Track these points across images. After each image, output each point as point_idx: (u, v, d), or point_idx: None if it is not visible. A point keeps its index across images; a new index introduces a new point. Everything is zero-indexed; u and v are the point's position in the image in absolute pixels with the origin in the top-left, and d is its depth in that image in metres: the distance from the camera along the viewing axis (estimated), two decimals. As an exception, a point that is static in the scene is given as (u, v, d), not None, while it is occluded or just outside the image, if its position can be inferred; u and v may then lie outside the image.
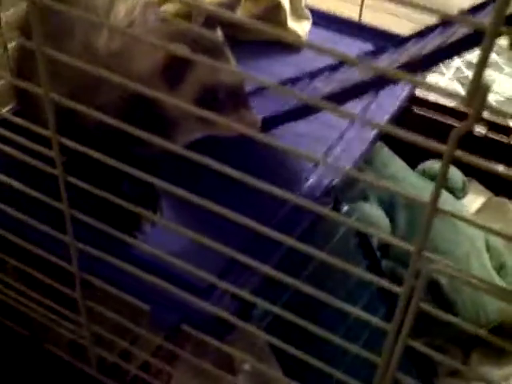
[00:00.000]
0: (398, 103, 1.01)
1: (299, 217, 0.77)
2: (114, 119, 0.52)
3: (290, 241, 0.51)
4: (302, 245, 0.51)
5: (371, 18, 1.20)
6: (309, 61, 1.04)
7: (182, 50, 0.57)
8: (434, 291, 0.97)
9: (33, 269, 0.77)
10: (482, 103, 0.35)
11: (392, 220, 1.06)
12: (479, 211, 1.20)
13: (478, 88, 0.35)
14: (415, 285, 0.47)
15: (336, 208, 0.81)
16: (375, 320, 0.51)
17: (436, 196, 0.43)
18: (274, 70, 1.04)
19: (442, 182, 0.42)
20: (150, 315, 0.66)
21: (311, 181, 0.84)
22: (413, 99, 1.15)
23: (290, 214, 0.77)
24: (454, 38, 0.66)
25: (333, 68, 0.93)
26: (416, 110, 1.23)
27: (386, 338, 0.50)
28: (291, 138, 0.84)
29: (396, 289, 0.48)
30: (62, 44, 0.70)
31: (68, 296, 0.73)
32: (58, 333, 0.82)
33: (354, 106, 0.93)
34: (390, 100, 1.00)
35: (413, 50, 0.76)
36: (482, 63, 0.33)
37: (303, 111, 0.80)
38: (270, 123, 0.81)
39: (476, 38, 0.61)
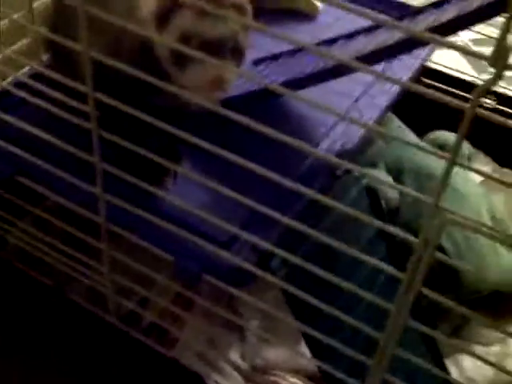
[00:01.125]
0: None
1: (313, 178, 0.80)
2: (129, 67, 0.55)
3: (310, 192, 0.55)
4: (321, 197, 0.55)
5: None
6: (324, 29, 1.06)
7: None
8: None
9: (53, 215, 0.81)
10: (506, 62, 0.38)
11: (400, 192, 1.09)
12: (483, 182, 1.23)
13: (502, 48, 0.38)
14: (431, 236, 0.50)
15: (348, 171, 0.84)
16: (390, 269, 0.55)
17: (456, 149, 0.46)
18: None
19: (463, 134, 0.45)
20: (173, 265, 0.70)
21: (324, 145, 0.88)
22: (423, 70, 1.17)
23: (304, 175, 0.81)
24: (474, 6, 0.68)
25: (349, 36, 0.96)
26: (425, 80, 1.26)
27: (400, 287, 0.54)
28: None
29: (412, 239, 0.52)
30: None
31: (90, 245, 0.76)
32: (79, 281, 0.86)
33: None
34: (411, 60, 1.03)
35: (432, 19, 0.78)
36: (508, 23, 0.36)
37: (320, 75, 0.82)
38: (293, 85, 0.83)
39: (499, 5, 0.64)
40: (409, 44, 0.76)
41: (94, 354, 0.86)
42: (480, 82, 0.42)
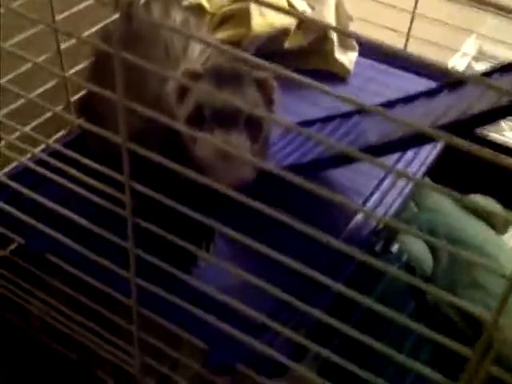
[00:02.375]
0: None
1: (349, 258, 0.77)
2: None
3: (341, 288, 0.53)
4: (353, 291, 0.52)
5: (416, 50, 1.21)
6: (356, 93, 1.05)
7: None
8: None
9: (80, 293, 0.79)
10: None
11: (433, 253, 1.06)
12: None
13: None
14: (487, 351, 0.47)
15: (387, 247, 0.82)
16: (440, 377, 0.52)
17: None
18: (320, 102, 1.04)
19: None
20: (206, 354, 0.67)
21: (357, 221, 0.85)
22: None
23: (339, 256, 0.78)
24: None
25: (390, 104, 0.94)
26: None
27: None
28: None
29: (467, 351, 0.49)
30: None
31: (120, 326, 0.74)
32: (104, 358, 0.84)
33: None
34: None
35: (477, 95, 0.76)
36: None
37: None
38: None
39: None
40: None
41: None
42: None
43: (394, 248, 0.88)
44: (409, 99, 0.91)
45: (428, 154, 0.99)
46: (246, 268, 0.58)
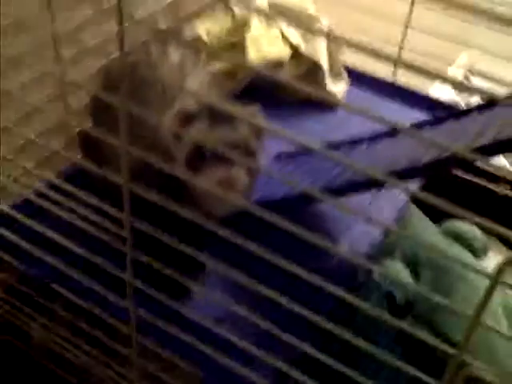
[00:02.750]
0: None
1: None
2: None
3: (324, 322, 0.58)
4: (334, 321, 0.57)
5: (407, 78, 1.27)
6: (345, 124, 1.10)
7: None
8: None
9: (80, 318, 0.83)
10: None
11: (416, 277, 1.10)
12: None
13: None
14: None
15: (369, 271, 0.86)
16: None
17: (480, 311, 0.48)
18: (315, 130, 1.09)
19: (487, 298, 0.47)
20: (201, 380, 0.72)
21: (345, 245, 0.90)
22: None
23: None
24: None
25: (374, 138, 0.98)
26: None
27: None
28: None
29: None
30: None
31: (120, 353, 0.78)
32: (103, 382, 0.88)
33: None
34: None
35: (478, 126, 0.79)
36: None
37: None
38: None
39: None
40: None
41: None
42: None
43: (376, 274, 0.92)
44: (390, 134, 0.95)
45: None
46: (237, 299, 0.63)
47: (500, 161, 1.46)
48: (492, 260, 1.25)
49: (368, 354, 0.57)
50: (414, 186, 1.03)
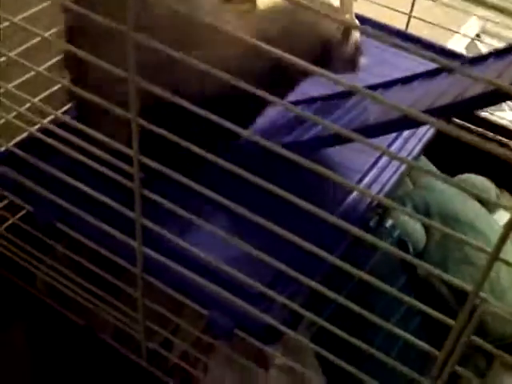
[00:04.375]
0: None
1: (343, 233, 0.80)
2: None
3: (335, 260, 0.56)
4: (347, 263, 0.56)
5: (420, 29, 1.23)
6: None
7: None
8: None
9: (83, 257, 0.83)
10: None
11: (426, 228, 1.09)
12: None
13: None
14: (468, 321, 0.51)
15: (381, 221, 0.85)
16: (425, 346, 0.55)
17: (499, 247, 0.46)
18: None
19: (508, 233, 0.45)
20: (207, 319, 0.71)
21: (354, 196, 0.88)
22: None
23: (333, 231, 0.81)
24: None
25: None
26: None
27: (435, 366, 0.55)
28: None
29: (449, 321, 0.52)
30: None
31: (124, 291, 0.78)
32: (108, 322, 0.88)
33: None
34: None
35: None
36: None
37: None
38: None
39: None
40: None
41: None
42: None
43: (388, 223, 0.91)
44: (407, 80, 0.93)
45: (426, 131, 1.01)
46: (245, 239, 0.62)
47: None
48: (504, 215, 1.23)
49: (379, 297, 0.57)
50: (426, 137, 1.02)
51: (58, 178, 0.72)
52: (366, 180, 0.90)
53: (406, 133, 1.00)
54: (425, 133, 1.01)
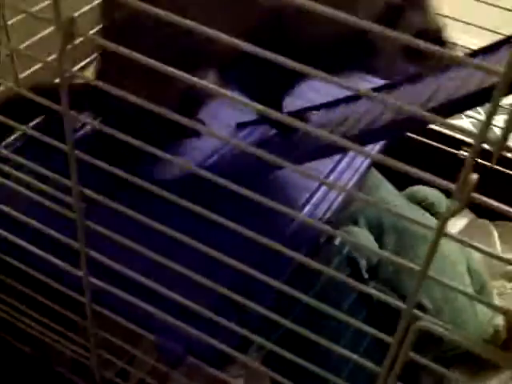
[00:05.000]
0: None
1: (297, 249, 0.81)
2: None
3: (281, 285, 0.57)
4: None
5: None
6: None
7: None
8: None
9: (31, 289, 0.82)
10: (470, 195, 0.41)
11: (380, 242, 1.11)
12: (461, 233, 1.26)
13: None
14: (405, 338, 0.52)
15: (330, 239, 0.87)
16: (370, 364, 0.56)
17: (427, 264, 0.48)
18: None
19: (433, 252, 0.47)
20: (156, 346, 0.71)
21: (307, 211, 0.90)
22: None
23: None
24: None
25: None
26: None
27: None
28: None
29: (388, 339, 0.54)
30: None
31: (75, 322, 0.77)
32: (61, 352, 0.87)
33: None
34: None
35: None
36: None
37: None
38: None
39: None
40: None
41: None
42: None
43: (337, 240, 0.93)
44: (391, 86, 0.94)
45: (373, 145, 1.03)
46: (194, 265, 0.63)
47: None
48: (453, 222, 1.26)
49: (330, 317, 0.57)
50: (375, 151, 1.03)
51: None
52: (314, 199, 0.91)
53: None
54: (373, 146, 1.03)
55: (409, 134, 1.24)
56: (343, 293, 0.85)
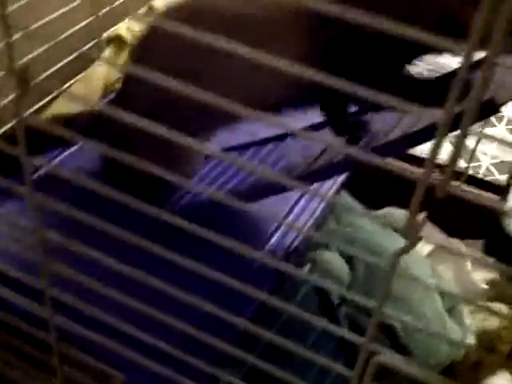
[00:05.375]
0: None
1: (262, 280, 0.82)
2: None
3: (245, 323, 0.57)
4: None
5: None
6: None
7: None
8: (389, 334, 1.05)
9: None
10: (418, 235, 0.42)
11: (351, 267, 1.12)
12: (431, 253, 1.27)
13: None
14: (365, 370, 0.53)
15: (299, 266, 0.87)
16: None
17: (382, 301, 0.49)
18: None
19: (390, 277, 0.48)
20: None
21: (272, 243, 0.90)
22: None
23: (252, 278, 0.82)
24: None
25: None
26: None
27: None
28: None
29: (348, 373, 0.54)
30: None
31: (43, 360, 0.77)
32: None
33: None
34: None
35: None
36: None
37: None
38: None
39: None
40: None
41: None
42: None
43: (306, 268, 0.93)
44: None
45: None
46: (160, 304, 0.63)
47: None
48: (427, 247, 1.28)
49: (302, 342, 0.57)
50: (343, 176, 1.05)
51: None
52: (283, 227, 0.92)
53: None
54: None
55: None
56: (310, 324, 0.85)
